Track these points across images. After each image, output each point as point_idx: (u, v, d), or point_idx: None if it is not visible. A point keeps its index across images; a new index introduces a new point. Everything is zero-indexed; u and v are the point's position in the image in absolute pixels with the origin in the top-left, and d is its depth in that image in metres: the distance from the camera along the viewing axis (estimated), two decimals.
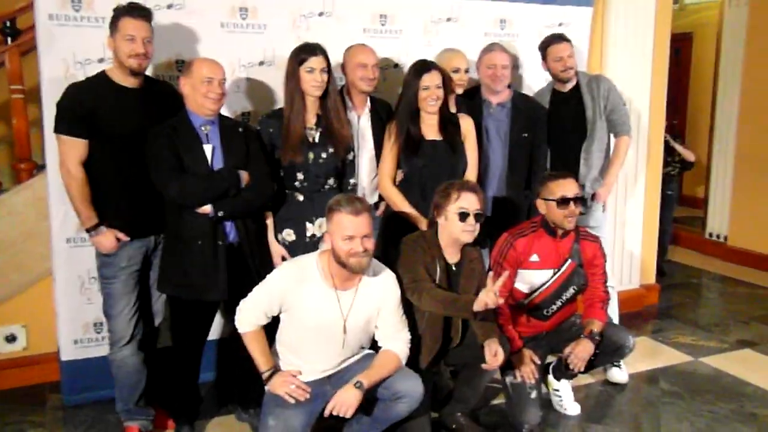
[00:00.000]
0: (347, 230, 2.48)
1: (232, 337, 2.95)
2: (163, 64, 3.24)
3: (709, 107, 6.47)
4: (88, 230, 2.82)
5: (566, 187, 3.07)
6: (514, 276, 3.13)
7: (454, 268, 2.95)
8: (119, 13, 2.75)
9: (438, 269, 2.88)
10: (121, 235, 2.83)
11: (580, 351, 3.09)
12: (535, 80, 4.06)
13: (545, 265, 3.14)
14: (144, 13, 2.77)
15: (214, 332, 3.33)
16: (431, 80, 3.17)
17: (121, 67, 2.78)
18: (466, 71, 3.48)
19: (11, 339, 3.51)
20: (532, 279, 3.15)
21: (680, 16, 7.49)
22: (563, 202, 3.04)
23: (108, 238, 2.81)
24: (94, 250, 2.90)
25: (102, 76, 2.82)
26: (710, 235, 6.39)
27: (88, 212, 2.79)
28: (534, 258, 3.13)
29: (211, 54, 3.00)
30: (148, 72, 3.09)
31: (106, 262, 2.87)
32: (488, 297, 2.57)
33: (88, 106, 2.73)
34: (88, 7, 3.05)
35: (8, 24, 3.81)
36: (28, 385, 3.50)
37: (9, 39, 3.75)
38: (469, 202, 2.84)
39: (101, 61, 3.07)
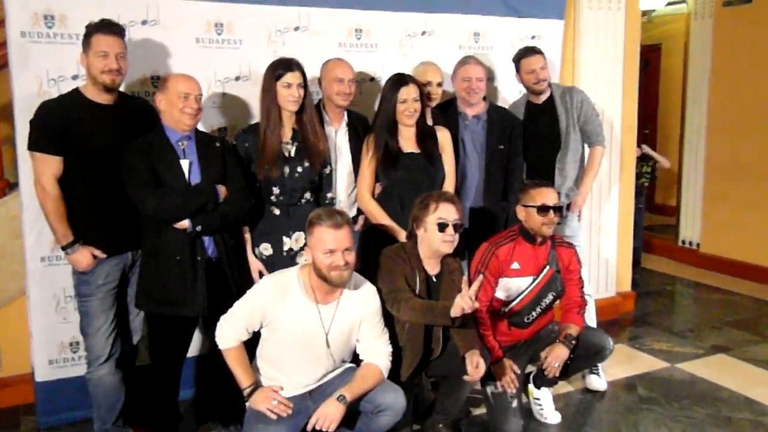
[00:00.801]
0: (328, 244, 2.48)
1: (211, 353, 2.93)
2: (139, 80, 3.22)
3: (678, 117, 6.60)
4: (63, 248, 2.79)
5: (546, 196, 3.12)
6: (495, 284, 3.16)
7: (434, 280, 2.96)
8: (91, 29, 2.73)
9: (418, 280, 2.89)
10: (98, 252, 2.81)
11: (554, 357, 3.12)
12: (510, 92, 4.11)
13: (525, 272, 3.18)
14: (116, 29, 2.76)
15: (194, 349, 3.29)
16: (408, 93, 3.20)
17: (94, 84, 2.76)
18: (439, 84, 3.52)
19: None
20: (512, 286, 3.18)
21: (649, 27, 7.64)
22: (543, 209, 3.08)
23: (84, 256, 2.78)
24: (71, 268, 2.87)
25: (75, 93, 2.80)
26: (683, 242, 6.49)
27: (64, 230, 2.76)
28: (515, 266, 3.17)
29: (186, 69, 2.99)
30: (125, 89, 3.09)
31: (82, 279, 2.84)
32: (464, 302, 2.58)
33: (61, 123, 2.71)
34: (62, 24, 3.04)
35: None
36: (1, 408, 3.42)
37: None
38: (447, 212, 2.86)
39: (75, 78, 3.05)
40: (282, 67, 3.00)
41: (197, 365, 3.45)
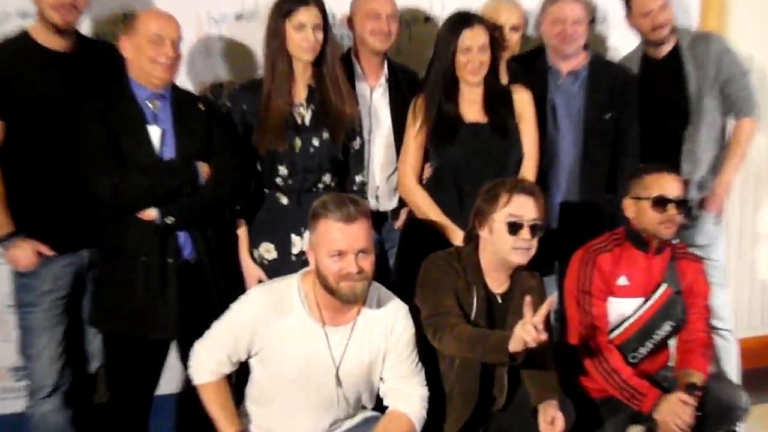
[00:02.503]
0: (336, 243, 2.48)
1: (191, 390, 2.96)
2: (107, 19, 3.29)
3: None
4: (0, 241, 2.89)
5: (666, 184, 3.07)
6: (604, 305, 3.12)
7: (500, 301, 2.94)
8: None
9: (475, 301, 2.87)
10: (44, 249, 2.90)
11: (673, 416, 2.98)
12: (624, 40, 3.97)
13: (634, 291, 3.14)
14: None
15: (171, 384, 3.36)
16: (473, 39, 3.17)
17: (44, 24, 2.84)
18: (514, 28, 3.51)
19: None
20: (614, 310, 3.15)
21: None
22: (659, 202, 3.03)
23: (25, 252, 2.87)
24: (9, 268, 2.97)
25: (22, 37, 2.89)
26: None
27: (1, 217, 2.86)
28: (622, 281, 3.14)
29: (171, 4, 3.04)
30: (89, 31, 3.19)
31: (23, 284, 2.94)
32: (526, 331, 2.51)
33: (2, 75, 2.80)
34: None
35: None
36: None
37: None
38: (522, 208, 2.83)
39: (24, 16, 3.12)
40: (293, 0, 3.01)
41: (179, 405, 3.49)
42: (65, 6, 2.78)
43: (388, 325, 2.68)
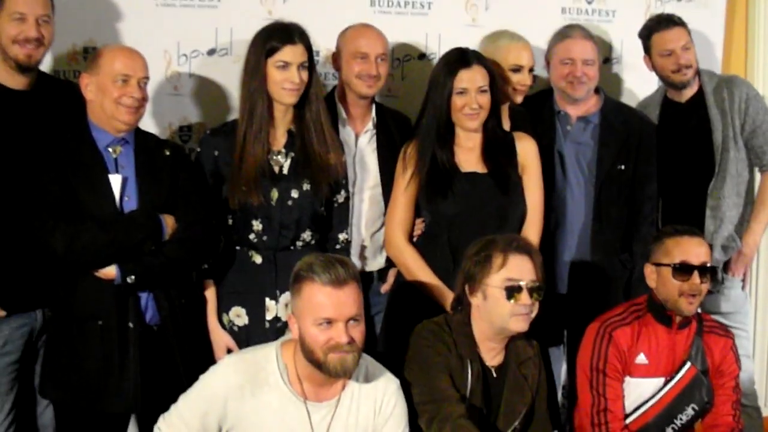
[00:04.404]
0: (324, 311, 2.50)
1: None
2: (67, 54, 3.38)
3: None
4: None
5: (691, 249, 3.09)
6: (620, 386, 3.14)
7: (494, 375, 2.96)
8: None
9: (470, 377, 2.88)
10: None
11: None
12: (641, 83, 4.09)
13: (654, 370, 3.15)
14: None
15: None
16: (471, 80, 3.22)
17: (4, 59, 2.91)
18: (531, 70, 3.53)
19: None
20: (632, 392, 3.17)
21: None
22: (683, 270, 3.05)
23: None
24: None
25: None
26: None
27: None
28: (641, 359, 3.15)
29: (138, 38, 3.15)
30: (48, 67, 3.25)
31: None
32: None
33: None
34: None
35: None
36: None
37: None
38: (520, 269, 2.84)
39: None
40: (277, 37, 3.06)
41: None
42: (30, 41, 2.87)
43: (376, 402, 2.68)
